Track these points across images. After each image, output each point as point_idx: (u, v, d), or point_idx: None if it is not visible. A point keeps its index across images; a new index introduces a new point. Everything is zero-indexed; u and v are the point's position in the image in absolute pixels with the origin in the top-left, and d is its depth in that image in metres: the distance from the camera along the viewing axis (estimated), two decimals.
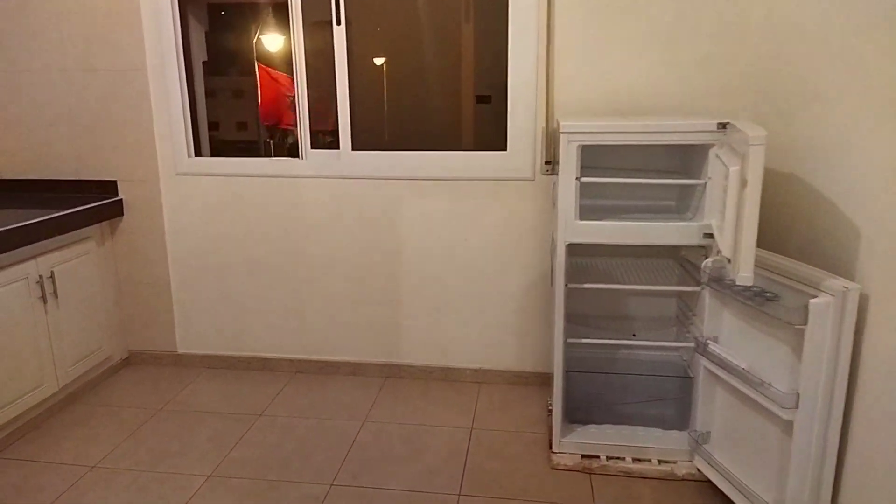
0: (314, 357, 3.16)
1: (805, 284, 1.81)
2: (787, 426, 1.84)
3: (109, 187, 3.08)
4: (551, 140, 2.72)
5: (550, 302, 2.88)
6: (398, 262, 2.98)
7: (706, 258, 2.21)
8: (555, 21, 2.64)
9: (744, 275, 1.70)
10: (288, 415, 2.74)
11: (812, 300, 1.74)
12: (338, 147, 2.95)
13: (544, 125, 2.72)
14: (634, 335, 2.71)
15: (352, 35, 2.87)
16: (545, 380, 2.97)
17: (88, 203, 2.91)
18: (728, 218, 1.79)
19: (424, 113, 3.04)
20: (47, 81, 3.00)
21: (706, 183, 2.18)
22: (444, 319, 3.01)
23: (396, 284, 3.01)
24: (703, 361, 2.17)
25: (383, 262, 2.99)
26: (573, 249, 2.28)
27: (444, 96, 3.03)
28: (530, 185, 2.80)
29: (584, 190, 2.27)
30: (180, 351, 3.24)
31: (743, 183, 1.71)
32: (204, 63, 3.33)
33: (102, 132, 3.02)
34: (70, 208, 2.81)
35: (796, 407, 1.79)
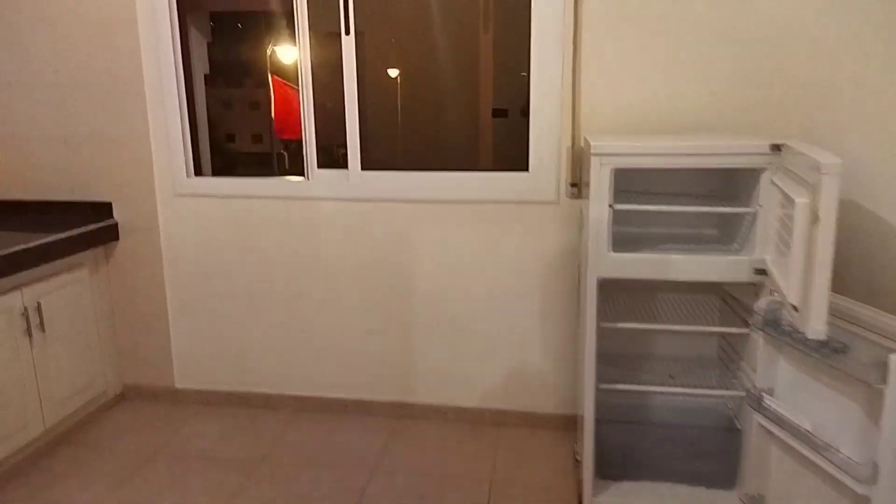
0: (320, 394, 2.93)
1: (881, 335, 1.54)
2: (862, 502, 1.57)
3: (104, 209, 2.88)
4: (577, 160, 2.48)
5: (577, 338, 2.63)
6: (411, 291, 2.74)
7: (757, 296, 1.95)
8: (582, 33, 2.40)
9: (816, 328, 1.44)
10: (291, 462, 2.51)
11: (892, 356, 1.47)
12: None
13: (570, 144, 2.48)
14: (672, 377, 2.45)
15: (363, 46, 2.66)
16: (570, 423, 2.71)
17: (81, 226, 2.72)
18: (795, 259, 1.53)
19: (440, 129, 2.82)
20: (37, 94, 2.81)
21: (756, 212, 1.93)
22: (460, 355, 2.77)
23: (409, 316, 2.77)
24: (757, 417, 1.91)
25: (395, 291, 2.76)
26: (605, 283, 2.03)
27: (461, 111, 2.81)
28: (554, 208, 2.55)
29: (616, 216, 2.02)
30: (178, 386, 3.03)
31: (813, 218, 1.45)
32: (206, 76, 3.13)
33: (96, 150, 2.83)
34: (61, 232, 2.61)
35: (875, 482, 1.52)
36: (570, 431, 2.69)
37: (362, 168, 2.70)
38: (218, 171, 3.18)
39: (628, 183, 2.19)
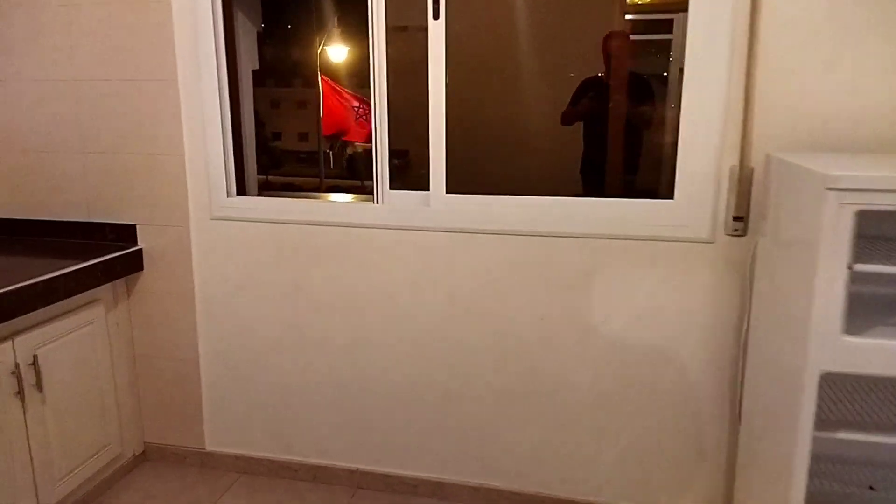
0: (381, 469, 2.33)
1: None
2: None
3: (126, 233, 2.35)
4: (747, 185, 1.82)
5: (734, 425, 1.97)
6: (502, 346, 2.13)
7: None
8: (762, 17, 1.75)
9: None
10: None
11: None
12: (422, 186, 2.14)
13: (736, 163, 1.83)
14: (872, 488, 1.77)
15: (449, 36, 2.06)
16: None
17: (97, 255, 2.19)
18: None
19: (545, 141, 2.20)
20: (48, 96, 2.30)
21: None
22: (565, 432, 2.13)
23: (499, 379, 2.15)
24: None
25: (482, 345, 2.14)
26: (829, 378, 1.37)
27: None
28: (707, 250, 1.90)
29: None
30: (209, 448, 2.47)
31: None
32: (254, 72, 2.58)
33: (118, 162, 2.30)
34: (72, 261, 2.09)
35: None
36: None
37: (447, 191, 2.10)
38: (264, 184, 2.65)
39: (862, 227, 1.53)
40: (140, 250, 2.35)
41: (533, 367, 2.11)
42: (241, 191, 2.36)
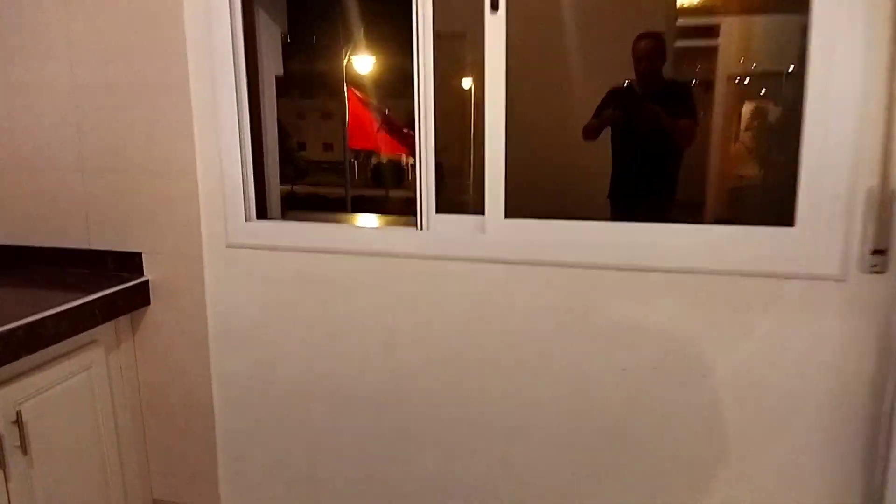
0: None
1: None
2: None
3: (131, 262, 2.05)
4: (888, 211, 1.45)
5: None
6: (576, 404, 1.77)
7: None
8: None
9: None
10: None
11: None
12: (459, 207, 1.81)
13: (875, 184, 1.46)
14: None
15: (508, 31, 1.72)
16: None
17: (96, 288, 1.89)
18: None
19: (626, 153, 1.85)
20: (45, 107, 2.01)
21: None
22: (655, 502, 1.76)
23: (572, 442, 1.79)
24: None
25: (549, 403, 1.79)
26: None
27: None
28: (836, 289, 1.53)
29: None
30: None
31: None
32: (278, 82, 2.27)
33: (122, 181, 2.00)
34: (69, 296, 1.80)
35: None
36: None
37: (506, 215, 1.75)
38: (289, 195, 2.33)
39: None
40: (146, 282, 2.04)
41: (615, 429, 1.75)
42: (263, 214, 2.04)
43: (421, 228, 1.84)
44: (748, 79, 2.71)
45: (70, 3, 1.92)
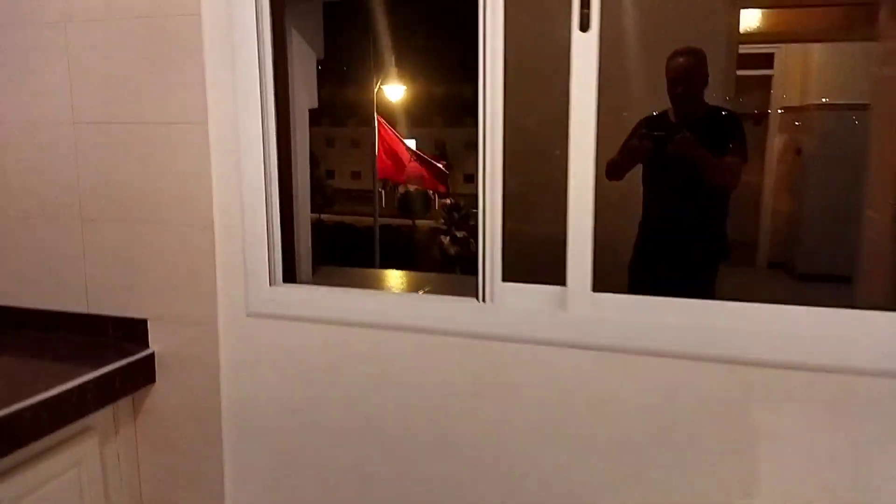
0: None
1: None
2: None
3: (135, 331, 1.72)
4: None
5: None
6: None
7: None
8: None
9: None
10: None
11: None
12: (543, 275, 1.45)
13: None
14: None
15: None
16: None
17: (93, 364, 1.57)
18: None
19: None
20: (42, 141, 1.71)
21: None
22: None
23: None
24: None
25: None
26: None
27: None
28: None
29: None
30: None
31: None
32: (311, 111, 1.96)
33: (128, 231, 1.69)
34: (60, 365, 1.49)
35: None
36: None
37: (594, 287, 1.39)
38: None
39: None
40: (152, 355, 1.71)
41: None
42: (290, 274, 1.70)
43: (483, 300, 1.48)
44: None
45: (71, 24, 1.63)
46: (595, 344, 1.37)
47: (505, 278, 1.47)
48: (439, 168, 10.18)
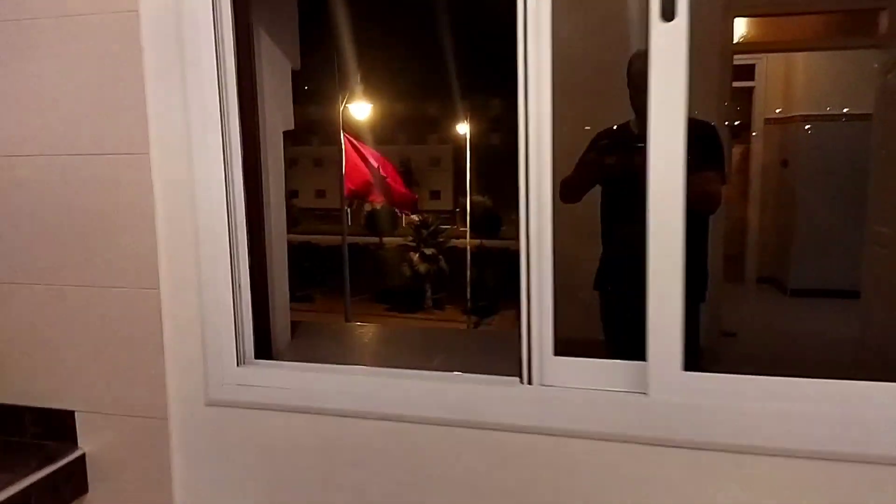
0: None
1: None
2: None
3: (59, 426, 1.30)
4: None
5: None
6: None
7: None
8: None
9: None
10: None
11: None
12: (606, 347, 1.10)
13: None
14: None
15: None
16: None
17: (4, 480, 1.14)
18: None
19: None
20: None
21: None
22: None
23: None
24: None
25: None
26: None
27: None
28: None
29: None
30: None
31: None
32: (285, 133, 1.57)
33: (51, 297, 1.27)
34: None
35: None
36: None
37: (685, 366, 1.03)
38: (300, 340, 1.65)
39: None
40: (82, 457, 1.30)
41: None
42: (265, 350, 1.30)
43: (529, 381, 1.11)
44: None
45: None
46: (692, 441, 1.01)
47: (557, 351, 1.11)
48: (408, 193, 9.88)
